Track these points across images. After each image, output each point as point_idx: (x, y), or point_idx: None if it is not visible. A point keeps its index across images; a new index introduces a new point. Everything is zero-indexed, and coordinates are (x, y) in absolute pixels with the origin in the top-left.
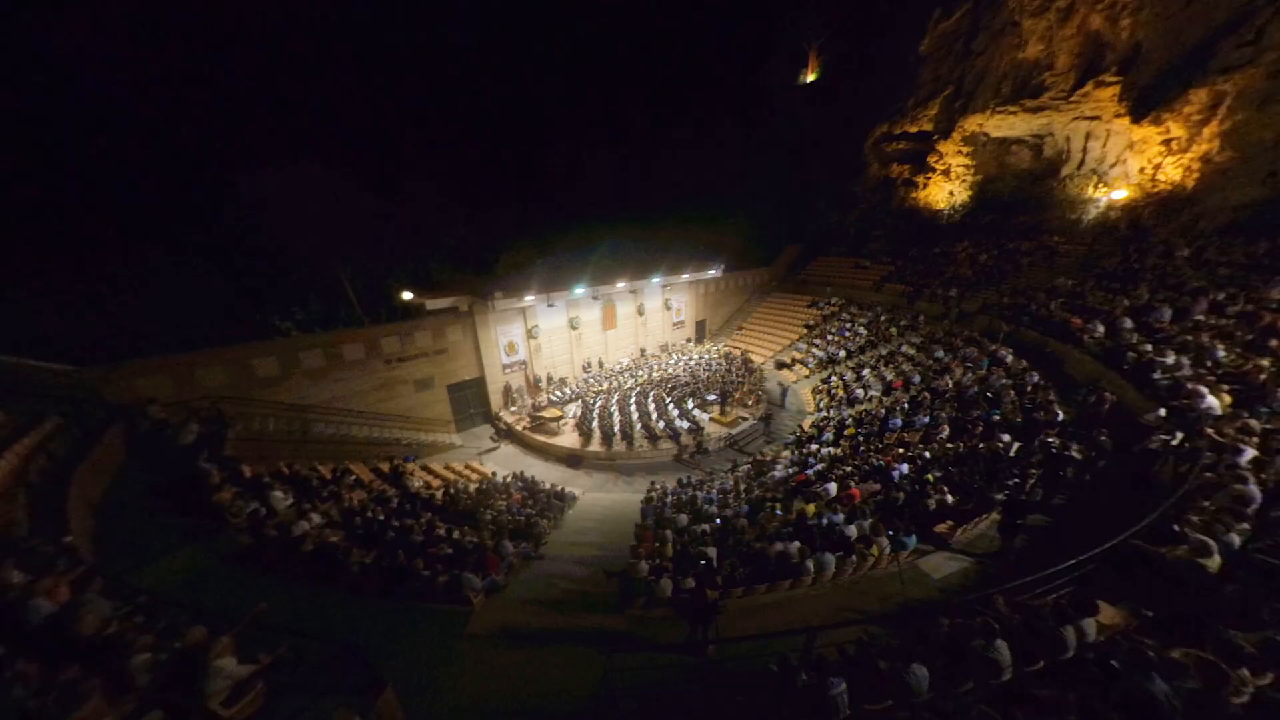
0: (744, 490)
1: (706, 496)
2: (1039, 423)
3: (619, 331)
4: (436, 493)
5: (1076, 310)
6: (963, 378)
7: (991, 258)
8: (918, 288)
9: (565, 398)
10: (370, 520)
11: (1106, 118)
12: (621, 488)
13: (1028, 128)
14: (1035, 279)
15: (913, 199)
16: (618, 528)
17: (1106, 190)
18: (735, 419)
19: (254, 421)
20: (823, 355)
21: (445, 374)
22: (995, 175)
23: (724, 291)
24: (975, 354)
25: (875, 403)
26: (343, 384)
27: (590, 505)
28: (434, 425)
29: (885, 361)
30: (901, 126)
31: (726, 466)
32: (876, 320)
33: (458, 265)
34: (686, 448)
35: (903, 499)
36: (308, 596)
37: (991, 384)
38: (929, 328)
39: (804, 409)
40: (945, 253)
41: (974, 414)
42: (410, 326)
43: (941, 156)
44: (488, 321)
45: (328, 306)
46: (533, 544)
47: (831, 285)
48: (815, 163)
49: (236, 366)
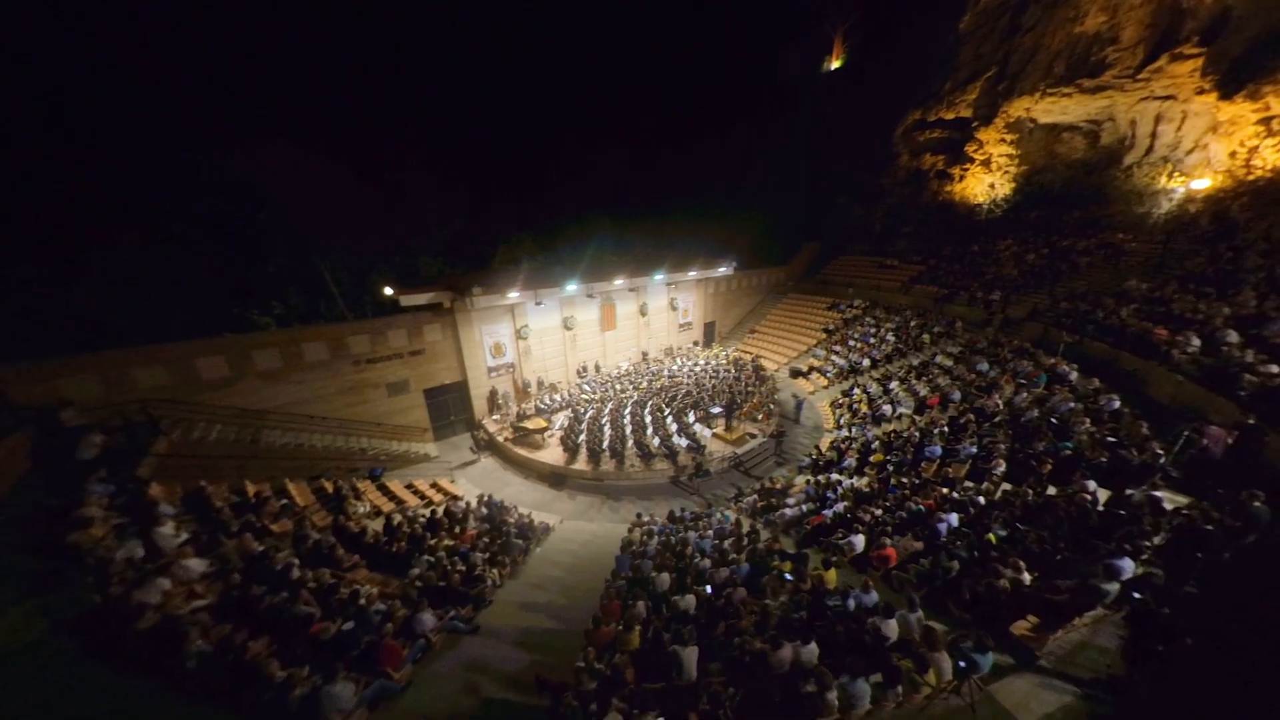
0: (747, 533)
1: (699, 543)
2: (1130, 465)
3: (619, 333)
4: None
5: (1158, 318)
6: (1015, 397)
7: (1040, 257)
8: (953, 290)
9: (554, 406)
10: (267, 570)
11: (1183, 96)
12: (607, 515)
13: (1084, 112)
14: (1098, 281)
15: (947, 192)
16: (590, 575)
17: (1184, 179)
18: (742, 436)
19: (196, 429)
20: (844, 363)
21: (422, 377)
22: (1043, 166)
23: (736, 291)
24: (1029, 368)
25: (906, 423)
26: (303, 387)
27: (565, 539)
28: (409, 434)
29: (917, 373)
30: (936, 113)
31: (730, 493)
32: (905, 325)
33: (451, 260)
34: (684, 469)
35: (957, 569)
36: (132, 701)
37: (1056, 407)
38: (968, 335)
39: (821, 424)
40: (985, 251)
41: (1038, 446)
42: (383, 324)
43: (981, 145)
44: (470, 320)
45: (309, 301)
46: (471, 607)
47: (854, 286)
48: (837, 155)
49: (178, 366)
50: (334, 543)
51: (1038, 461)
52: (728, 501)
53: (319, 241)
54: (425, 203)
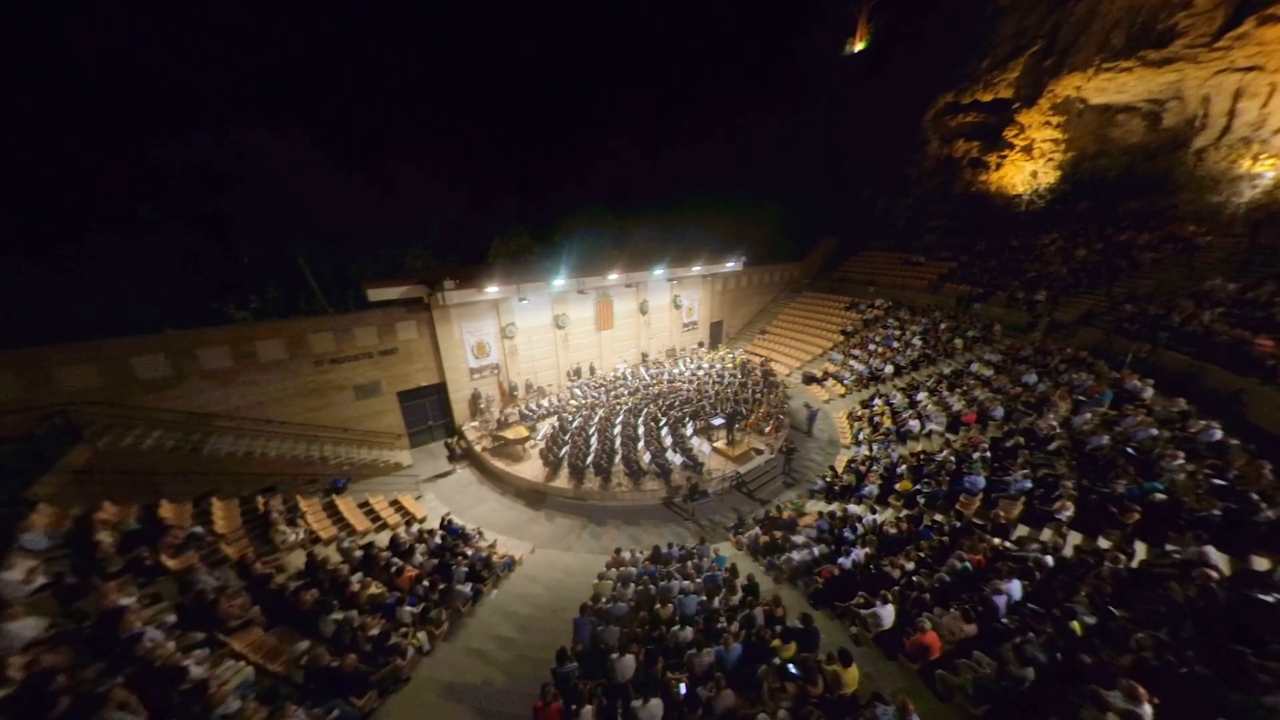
0: (744, 586)
1: (683, 601)
2: (1258, 524)
3: (617, 333)
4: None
5: (1255, 325)
6: (1075, 418)
7: (1094, 252)
8: (988, 289)
9: (540, 412)
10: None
11: (1273, 66)
12: (586, 542)
13: (1145, 89)
14: (1168, 280)
15: (982, 182)
16: (549, 633)
17: (1274, 163)
18: (747, 451)
19: (129, 435)
20: (863, 369)
21: (395, 378)
22: (1093, 152)
23: (745, 289)
24: (1089, 382)
25: (938, 443)
26: (258, 389)
27: (531, 577)
28: (381, 440)
29: (949, 384)
30: (972, 94)
31: (730, 520)
32: (934, 328)
33: (443, 254)
34: (678, 489)
35: (1032, 677)
36: None
37: (1131, 434)
38: (1008, 341)
39: (837, 439)
40: (1026, 246)
41: (1116, 486)
42: (349, 321)
43: (1022, 130)
44: (449, 317)
45: (288, 295)
46: (375, 694)
47: (875, 284)
48: (859, 143)
49: (111, 365)
50: (229, 588)
51: (1119, 508)
52: (726, 531)
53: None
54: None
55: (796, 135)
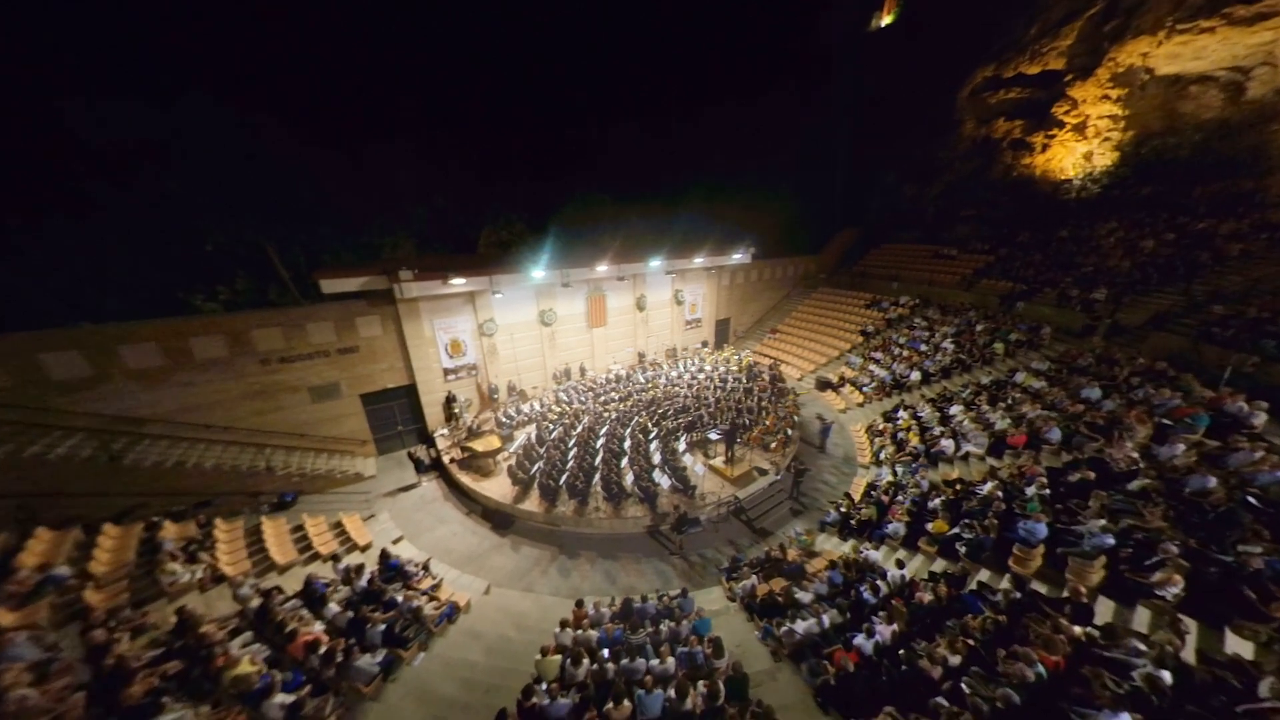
0: (728, 679)
1: (645, 696)
2: None
3: (611, 330)
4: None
5: None
6: (1162, 449)
7: (1164, 244)
8: (1033, 285)
9: (518, 419)
10: None
11: None
12: (554, 578)
13: (1228, 54)
14: (1268, 277)
15: (1025, 166)
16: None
17: None
18: (748, 471)
19: (37, 443)
20: (885, 376)
21: (357, 379)
22: (1159, 129)
23: (755, 284)
24: (1176, 401)
25: (979, 471)
26: (194, 390)
27: (474, 633)
28: (343, 447)
29: (990, 396)
30: (1016, 67)
31: (725, 555)
32: (969, 330)
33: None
34: (665, 516)
35: None
36: None
37: (1249, 475)
38: (1060, 347)
39: (854, 456)
40: (1078, 237)
41: (1251, 557)
42: (300, 316)
43: (1075, 105)
44: (418, 312)
45: (259, 284)
46: None
47: (900, 280)
48: (885, 125)
49: (18, 363)
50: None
51: (1258, 590)
52: (718, 574)
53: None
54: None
55: (815, 117)
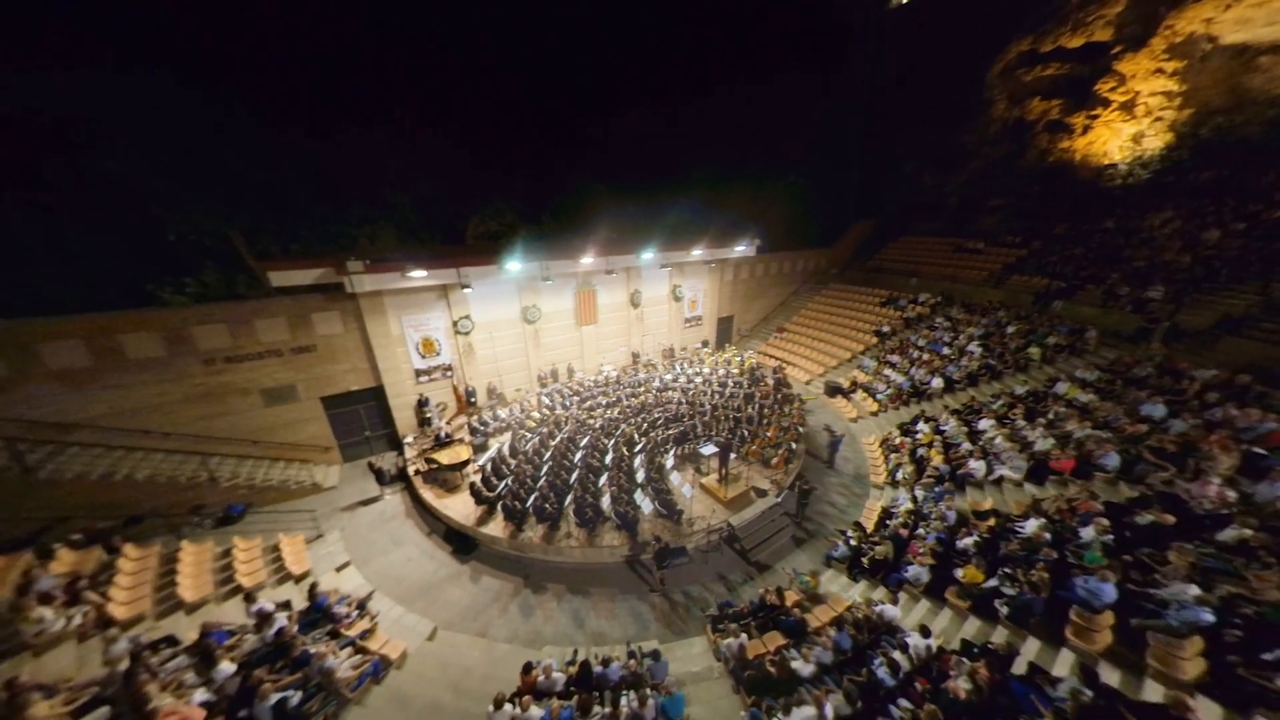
0: None
1: None
2: None
3: (602, 329)
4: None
5: None
6: (1259, 487)
7: (1232, 235)
8: (1074, 283)
9: (495, 426)
10: None
11: None
12: (511, 622)
13: None
14: None
15: (1062, 150)
16: None
17: None
18: (745, 492)
19: None
20: (902, 381)
21: (316, 381)
22: (1221, 106)
23: (762, 279)
24: (1270, 425)
25: (1016, 501)
26: (128, 392)
27: (397, 700)
28: (303, 454)
29: (1028, 410)
30: (1055, 39)
31: (712, 597)
32: (998, 332)
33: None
34: (646, 545)
35: None
36: None
37: None
38: (1110, 354)
39: (866, 473)
40: (1125, 228)
41: None
42: (247, 312)
43: (1122, 81)
44: (383, 308)
45: (228, 276)
46: None
47: (919, 276)
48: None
49: None
50: None
51: None
52: (703, 619)
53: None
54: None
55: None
